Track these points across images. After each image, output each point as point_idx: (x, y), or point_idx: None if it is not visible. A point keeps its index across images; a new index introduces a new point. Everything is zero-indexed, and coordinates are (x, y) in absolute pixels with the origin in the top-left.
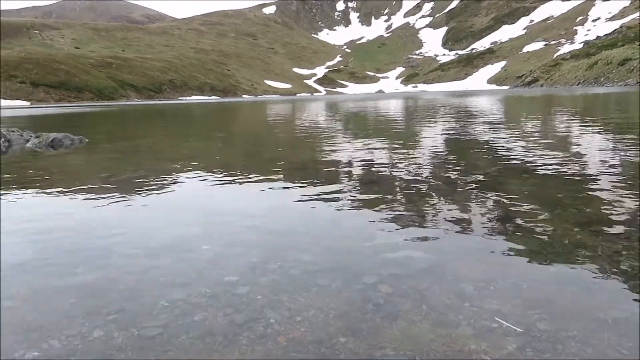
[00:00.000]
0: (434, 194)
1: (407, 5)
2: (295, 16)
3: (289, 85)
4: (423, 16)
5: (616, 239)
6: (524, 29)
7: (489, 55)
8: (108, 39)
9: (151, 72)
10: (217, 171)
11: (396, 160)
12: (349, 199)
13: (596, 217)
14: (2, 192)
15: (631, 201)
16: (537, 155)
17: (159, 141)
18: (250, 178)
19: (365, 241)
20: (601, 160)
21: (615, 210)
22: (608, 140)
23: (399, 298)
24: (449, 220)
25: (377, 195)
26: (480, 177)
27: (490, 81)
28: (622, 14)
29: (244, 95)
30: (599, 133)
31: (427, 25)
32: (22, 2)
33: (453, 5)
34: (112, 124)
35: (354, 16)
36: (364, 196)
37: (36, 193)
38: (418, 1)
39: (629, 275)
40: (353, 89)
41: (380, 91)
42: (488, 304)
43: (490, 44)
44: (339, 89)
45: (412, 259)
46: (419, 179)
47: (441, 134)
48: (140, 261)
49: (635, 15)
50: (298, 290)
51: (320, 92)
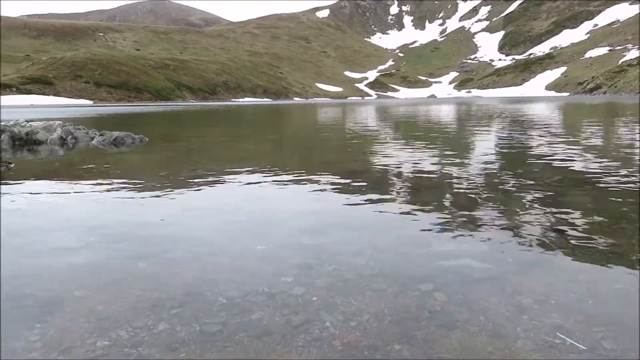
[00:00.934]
0: (490, 203)
1: (463, 9)
2: (349, 20)
3: (340, 89)
4: (479, 20)
5: None
6: (587, 33)
7: (548, 61)
8: (167, 42)
9: (206, 74)
10: (270, 173)
11: (448, 167)
12: (401, 204)
13: None
14: (70, 186)
15: None
16: (600, 166)
17: (213, 142)
18: (302, 180)
19: (420, 247)
20: None
21: None
22: None
23: (455, 307)
24: (506, 230)
25: (431, 202)
26: (539, 188)
27: (548, 87)
28: None
29: (295, 98)
30: None
31: (483, 29)
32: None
33: (511, 8)
34: (169, 124)
35: (407, 20)
36: (417, 202)
37: (101, 188)
38: (474, 5)
39: None
40: (404, 93)
41: (432, 96)
42: (549, 318)
43: (550, 49)
44: (390, 93)
45: (469, 268)
46: (473, 186)
47: (496, 141)
48: (199, 258)
49: None
50: (353, 294)
51: (371, 96)
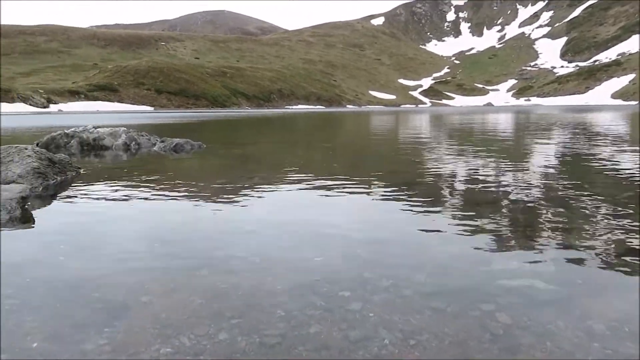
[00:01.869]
0: (553, 218)
1: (523, 15)
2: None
3: (393, 96)
4: (540, 26)
5: None
6: None
7: (614, 68)
8: (224, 50)
9: (261, 82)
10: (325, 181)
11: (506, 179)
12: (458, 218)
13: None
14: (133, 192)
15: None
16: None
17: (269, 149)
18: (356, 190)
19: (480, 265)
20: None
21: None
22: None
23: (519, 330)
24: (573, 249)
25: (489, 216)
26: (607, 203)
27: (614, 96)
28: None
29: (348, 105)
30: None
31: (545, 36)
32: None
33: (575, 13)
34: (226, 131)
35: (464, 27)
36: (475, 216)
37: (162, 194)
38: (535, 10)
39: None
40: (460, 101)
41: (489, 104)
42: (623, 347)
43: (617, 55)
44: (444, 101)
45: (533, 288)
46: (534, 200)
47: (557, 152)
48: (257, 268)
49: None
50: (411, 312)
51: (425, 104)
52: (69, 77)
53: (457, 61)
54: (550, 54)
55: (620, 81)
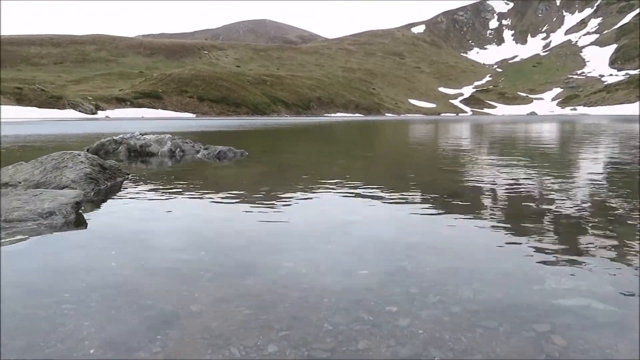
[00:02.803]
0: (606, 234)
1: (570, 22)
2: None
3: (433, 105)
4: (588, 33)
5: None
6: None
7: None
8: (265, 58)
9: (301, 90)
10: (366, 191)
11: (553, 192)
12: (504, 231)
13: None
14: (179, 198)
15: None
16: None
17: (309, 157)
18: (398, 200)
19: (532, 283)
20: None
21: None
22: None
23: (576, 354)
24: (632, 267)
25: (537, 230)
26: None
27: None
28: None
29: (386, 114)
30: None
31: (592, 43)
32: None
33: (625, 20)
34: (267, 139)
35: (507, 34)
36: (522, 229)
37: (206, 201)
38: (583, 17)
39: None
40: (502, 110)
41: (532, 113)
42: None
43: None
44: (486, 110)
45: (591, 309)
46: (584, 214)
47: (606, 164)
48: (303, 279)
49: None
50: (461, 330)
51: (465, 113)
52: (116, 85)
53: (500, 69)
54: (598, 62)
55: None
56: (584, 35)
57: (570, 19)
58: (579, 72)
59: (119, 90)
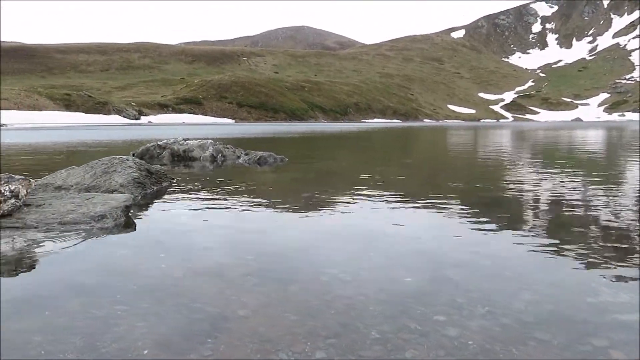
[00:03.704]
0: None
1: (618, 25)
2: (485, 40)
3: (472, 111)
4: (638, 36)
5: None
6: None
7: None
8: (303, 65)
9: (338, 95)
10: (408, 198)
11: (601, 202)
12: (552, 242)
13: None
14: (222, 203)
15: None
16: None
17: (349, 164)
18: (439, 208)
19: (586, 295)
20: None
21: None
22: None
23: None
24: None
25: (588, 241)
26: None
27: None
28: None
29: (425, 120)
30: None
31: None
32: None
33: None
34: (305, 145)
35: (551, 38)
36: (571, 241)
37: (248, 206)
38: (632, 20)
39: None
40: (545, 116)
41: (577, 119)
42: None
43: None
44: (528, 116)
45: None
46: (636, 226)
47: None
48: (348, 286)
49: None
50: (513, 342)
51: (506, 119)
52: (159, 91)
53: (543, 74)
54: None
55: None
56: (633, 38)
57: (619, 22)
58: (627, 77)
59: (161, 97)
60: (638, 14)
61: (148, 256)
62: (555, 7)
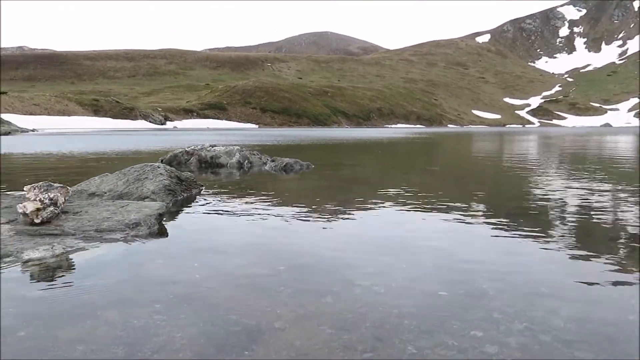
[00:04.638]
0: None
1: None
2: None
3: (498, 116)
4: None
5: None
6: None
7: None
8: (326, 70)
9: (361, 101)
10: (438, 207)
11: (634, 213)
12: (589, 257)
13: None
14: (251, 210)
15: None
16: None
17: (375, 171)
18: (471, 220)
19: (627, 313)
20: None
21: None
22: None
23: None
24: None
25: (626, 255)
26: None
27: None
28: None
29: (449, 125)
30: None
31: None
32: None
33: None
34: (331, 151)
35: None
36: (610, 255)
37: (278, 213)
38: None
39: None
40: (572, 121)
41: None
42: None
43: None
44: (555, 121)
45: None
46: None
47: None
48: (382, 299)
49: None
50: None
51: (533, 124)
52: (184, 97)
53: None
54: None
55: None
56: None
57: None
58: None
59: (186, 102)
60: None
61: (182, 265)
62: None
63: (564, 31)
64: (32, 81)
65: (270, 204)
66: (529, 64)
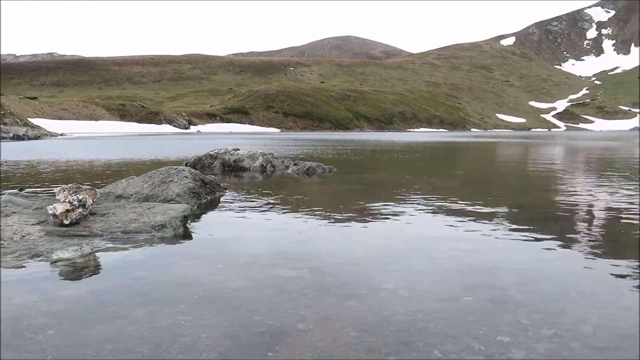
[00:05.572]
0: None
1: None
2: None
3: (523, 120)
4: None
5: None
6: None
7: None
8: (349, 74)
9: (383, 105)
10: (461, 213)
11: None
12: (619, 263)
13: None
14: (274, 213)
15: None
16: None
17: (397, 175)
18: (497, 225)
19: None
20: None
21: None
22: None
23: None
24: None
25: None
26: None
27: None
28: None
29: (472, 129)
30: None
31: None
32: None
33: None
34: (352, 155)
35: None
36: (638, 259)
37: (301, 217)
38: None
39: None
40: (600, 125)
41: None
42: None
43: None
44: (582, 125)
45: None
46: None
47: None
48: (406, 303)
49: None
50: None
51: (559, 128)
52: (207, 101)
53: (598, 82)
54: None
55: None
56: None
57: None
58: None
59: (209, 107)
60: None
61: (207, 267)
62: (612, 12)
63: (591, 33)
64: (61, 86)
65: (294, 207)
66: (555, 66)
